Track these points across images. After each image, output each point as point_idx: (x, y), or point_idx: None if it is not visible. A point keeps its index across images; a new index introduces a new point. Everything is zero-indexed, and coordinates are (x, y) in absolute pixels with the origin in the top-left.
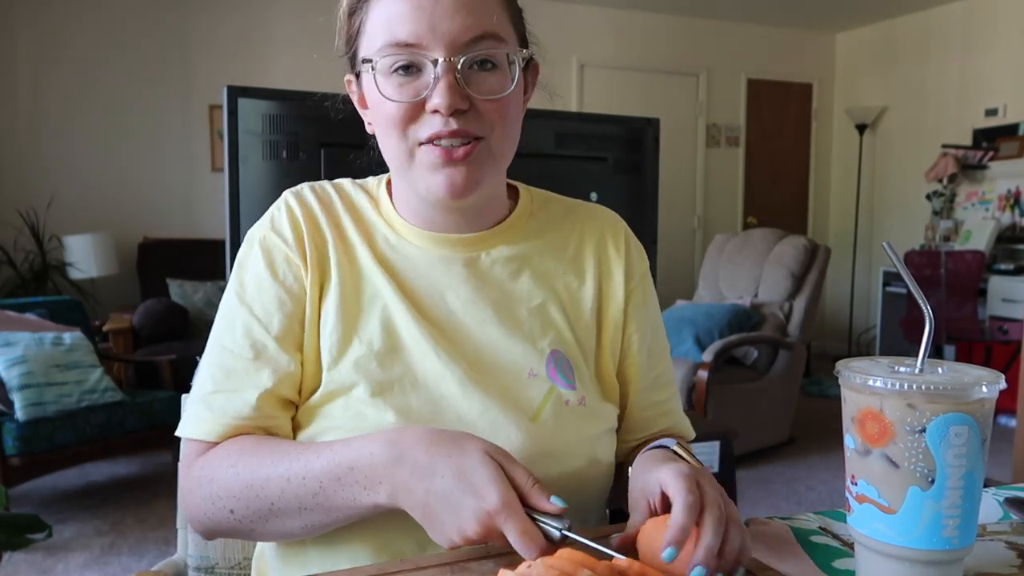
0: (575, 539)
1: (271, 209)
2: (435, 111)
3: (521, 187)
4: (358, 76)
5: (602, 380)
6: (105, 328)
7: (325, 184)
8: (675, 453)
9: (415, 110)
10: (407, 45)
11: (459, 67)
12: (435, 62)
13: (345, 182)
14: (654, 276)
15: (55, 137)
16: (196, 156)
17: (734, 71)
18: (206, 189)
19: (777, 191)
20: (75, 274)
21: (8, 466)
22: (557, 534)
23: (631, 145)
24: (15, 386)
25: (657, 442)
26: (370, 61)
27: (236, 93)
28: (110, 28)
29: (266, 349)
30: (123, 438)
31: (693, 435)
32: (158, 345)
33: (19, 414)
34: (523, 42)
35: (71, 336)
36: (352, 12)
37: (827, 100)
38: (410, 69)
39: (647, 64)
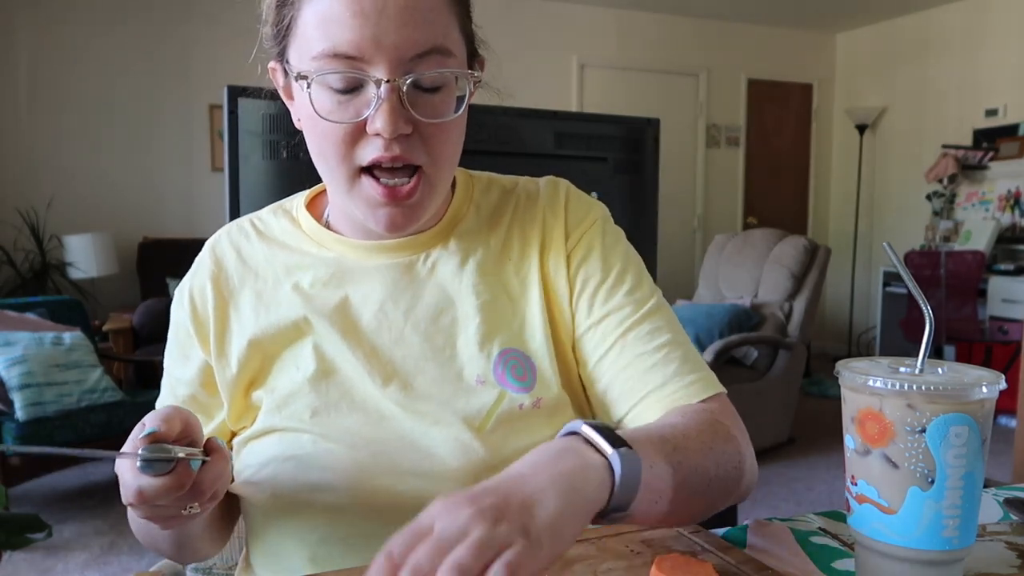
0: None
1: (196, 260)
2: (376, 134)
3: (460, 174)
4: (282, 62)
5: (567, 371)
6: (105, 328)
7: (244, 223)
8: (585, 440)
9: (354, 131)
10: (347, 57)
11: (403, 89)
12: (377, 82)
13: (265, 212)
14: (653, 275)
15: (55, 137)
16: (196, 156)
17: (734, 71)
18: (206, 189)
19: (777, 191)
20: (75, 274)
21: (8, 466)
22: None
23: (631, 145)
24: (15, 386)
25: (564, 429)
26: (306, 78)
27: (236, 93)
28: (110, 28)
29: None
30: (123, 438)
31: (713, 388)
32: (158, 345)
33: (19, 414)
34: (471, 49)
35: (71, 336)
36: (282, 3)
37: (827, 100)
38: (349, 87)
39: (647, 64)
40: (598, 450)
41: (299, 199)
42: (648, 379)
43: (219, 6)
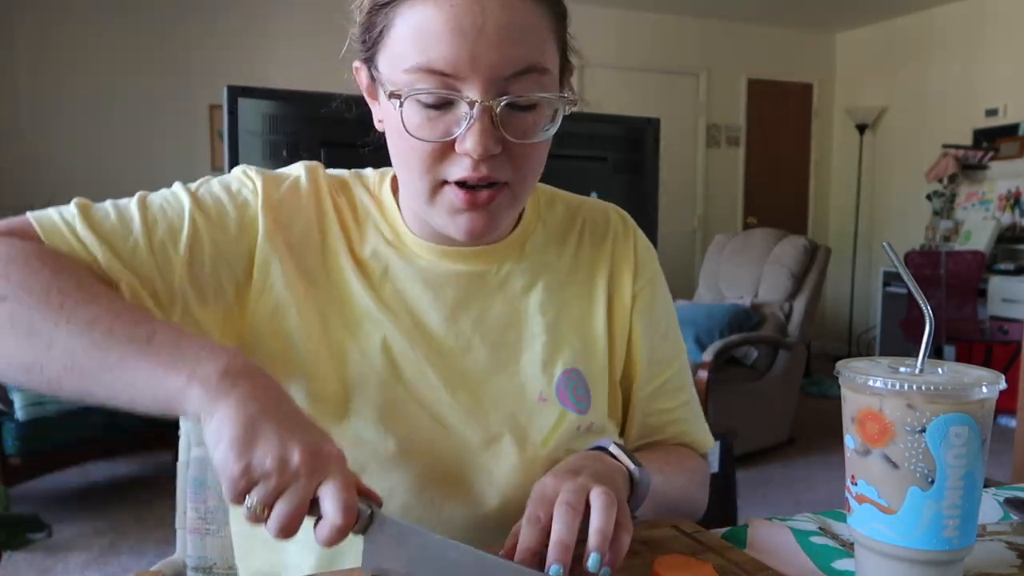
0: (387, 516)
1: (282, 169)
2: (465, 154)
3: None
4: (369, 65)
5: (612, 396)
6: None
7: (346, 180)
8: (609, 454)
9: (442, 147)
10: (441, 74)
11: (496, 110)
12: (471, 103)
13: (350, 179)
14: None
15: (55, 137)
16: (196, 156)
17: (734, 71)
18: None
19: (777, 191)
20: None
21: (8, 466)
22: (368, 511)
23: (631, 145)
24: (15, 386)
25: (593, 444)
26: (399, 96)
27: (236, 93)
28: (110, 28)
29: (165, 248)
30: (123, 438)
31: (707, 446)
32: None
33: (19, 414)
34: (564, 59)
35: None
36: (376, 9)
37: (827, 100)
38: (440, 103)
39: (647, 64)
40: (622, 463)
41: (379, 178)
42: (665, 431)
43: (219, 6)
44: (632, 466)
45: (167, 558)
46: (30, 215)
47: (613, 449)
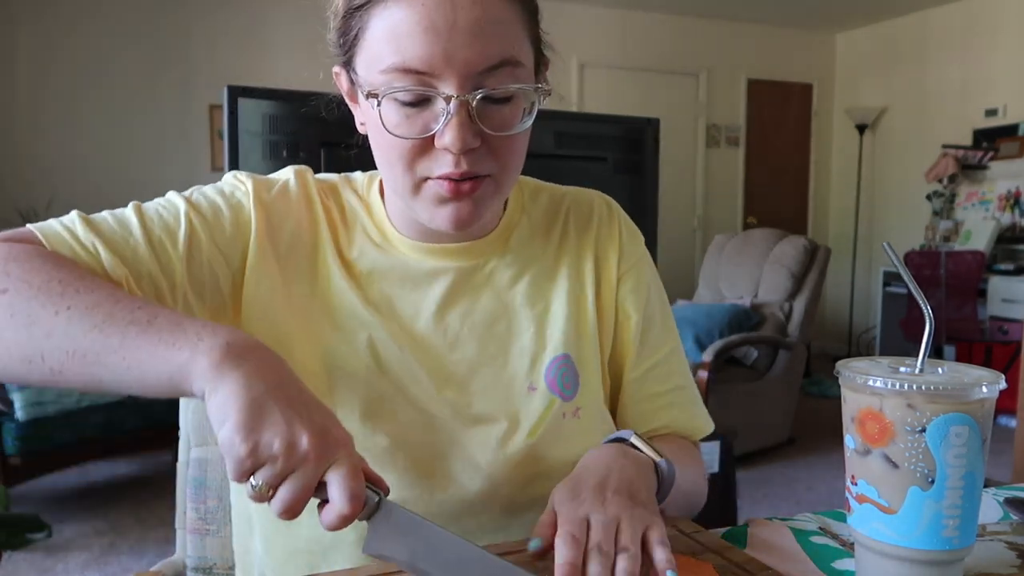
0: (393, 504)
1: (271, 175)
2: (445, 149)
3: None
4: (347, 69)
5: (604, 380)
6: None
7: (335, 184)
8: (632, 445)
9: (422, 144)
10: (416, 72)
11: (472, 104)
12: (447, 98)
13: (339, 183)
14: None
15: (55, 137)
16: (196, 156)
17: (734, 71)
18: None
19: (777, 191)
20: None
21: (8, 466)
22: (375, 498)
23: (631, 145)
24: (15, 386)
25: (613, 435)
26: (376, 96)
27: (236, 93)
28: (111, 28)
29: (164, 247)
30: (123, 438)
31: (706, 431)
32: None
33: (19, 414)
34: (538, 54)
35: None
36: (350, 13)
37: (827, 100)
38: (418, 100)
39: (647, 64)
40: (647, 455)
41: (367, 181)
42: (659, 416)
43: (219, 6)
44: (657, 458)
45: (167, 558)
46: (31, 225)
47: (635, 440)
